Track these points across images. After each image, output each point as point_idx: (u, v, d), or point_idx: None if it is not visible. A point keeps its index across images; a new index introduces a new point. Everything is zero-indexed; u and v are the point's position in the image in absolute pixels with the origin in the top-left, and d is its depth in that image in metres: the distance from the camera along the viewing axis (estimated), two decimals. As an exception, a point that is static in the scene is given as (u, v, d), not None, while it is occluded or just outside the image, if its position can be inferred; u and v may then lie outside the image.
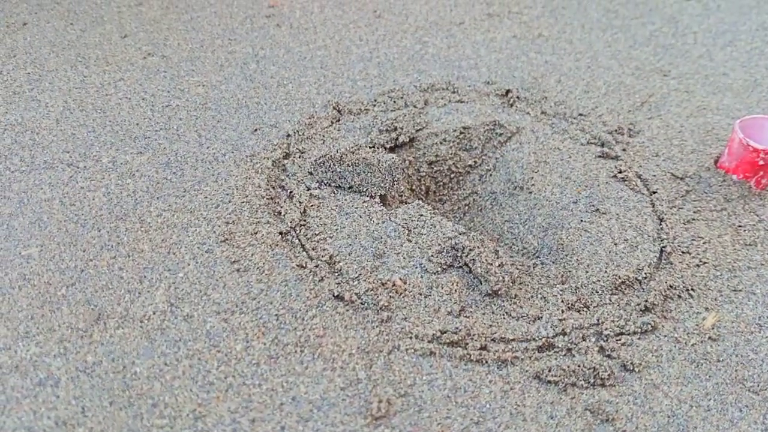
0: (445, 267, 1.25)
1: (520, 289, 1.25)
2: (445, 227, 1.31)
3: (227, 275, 1.23)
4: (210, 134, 1.56)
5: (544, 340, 1.15)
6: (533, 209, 1.43)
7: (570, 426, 1.04)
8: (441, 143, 1.54)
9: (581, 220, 1.35)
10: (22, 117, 1.60)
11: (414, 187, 1.55)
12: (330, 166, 1.42)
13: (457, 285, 1.22)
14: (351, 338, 1.14)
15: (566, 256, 1.32)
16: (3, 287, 1.19)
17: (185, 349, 1.11)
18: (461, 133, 1.55)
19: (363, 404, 1.05)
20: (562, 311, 1.19)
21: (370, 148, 1.48)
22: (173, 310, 1.17)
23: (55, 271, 1.22)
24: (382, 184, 1.40)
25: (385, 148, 1.50)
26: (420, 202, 1.38)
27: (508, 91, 1.72)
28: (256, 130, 1.58)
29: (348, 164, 1.41)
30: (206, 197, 1.38)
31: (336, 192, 1.41)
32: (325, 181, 1.42)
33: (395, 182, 1.42)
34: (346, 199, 1.39)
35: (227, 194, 1.39)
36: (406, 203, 1.52)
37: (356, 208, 1.37)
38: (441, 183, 1.59)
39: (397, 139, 1.51)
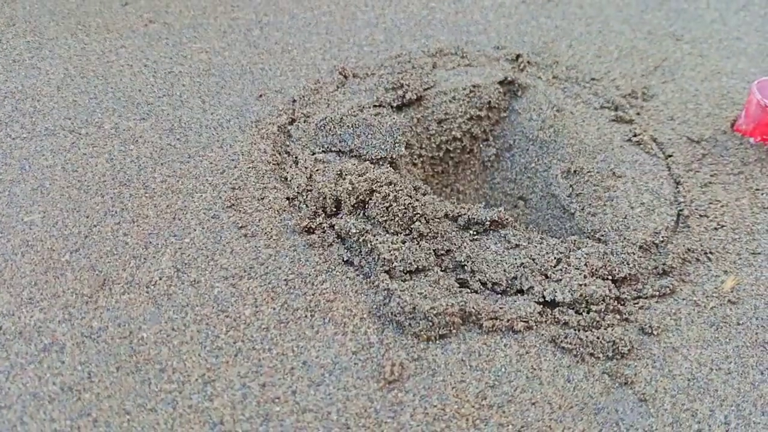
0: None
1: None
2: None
3: (234, 241, 1.20)
4: (214, 100, 1.53)
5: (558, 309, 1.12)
6: (557, 151, 1.41)
7: (588, 389, 1.01)
8: (450, 101, 1.50)
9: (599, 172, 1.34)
10: (23, 84, 1.56)
11: (423, 146, 1.51)
12: (331, 129, 1.38)
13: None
14: (362, 303, 1.11)
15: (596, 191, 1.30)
16: (5, 253, 1.16)
17: (193, 314, 1.08)
18: (471, 91, 1.51)
19: (375, 368, 1.02)
20: (585, 277, 1.15)
21: (375, 107, 1.44)
22: (180, 275, 1.14)
23: (58, 237, 1.19)
24: (383, 147, 1.37)
25: (392, 107, 1.46)
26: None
27: (518, 56, 1.67)
28: (260, 95, 1.54)
29: (348, 126, 1.37)
30: (211, 163, 1.35)
31: (339, 157, 1.37)
32: (326, 146, 1.38)
33: (396, 144, 1.37)
34: (348, 165, 1.35)
35: (233, 160, 1.36)
36: (415, 165, 1.49)
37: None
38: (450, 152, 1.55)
39: (404, 96, 1.47)
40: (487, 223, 1.23)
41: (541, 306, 1.12)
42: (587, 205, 1.33)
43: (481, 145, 1.57)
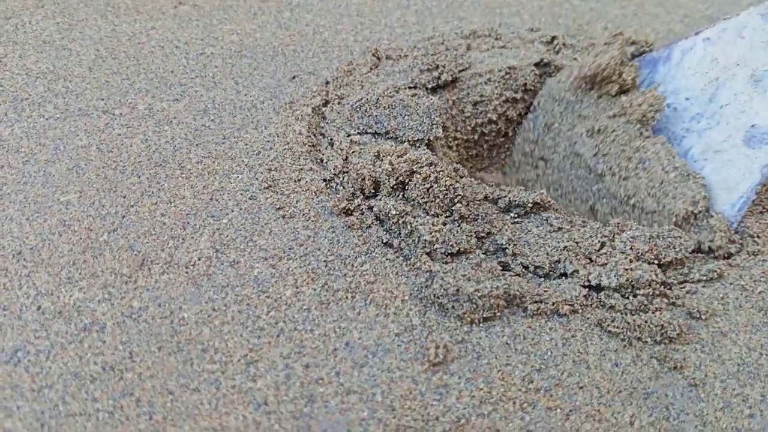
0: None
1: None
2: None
3: (272, 222, 1.18)
4: (247, 82, 1.51)
5: (604, 293, 1.09)
6: (582, 110, 1.39)
7: (636, 374, 1.00)
8: (486, 83, 1.48)
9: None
10: (54, 65, 1.55)
11: (458, 128, 1.49)
12: (367, 110, 1.36)
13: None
14: (402, 285, 1.10)
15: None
16: (43, 233, 1.16)
17: (233, 294, 1.07)
18: (507, 73, 1.49)
19: (419, 350, 1.01)
20: (630, 261, 1.12)
21: (410, 89, 1.42)
22: (219, 256, 1.13)
23: (95, 217, 1.18)
24: (419, 128, 1.34)
25: (427, 89, 1.44)
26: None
27: (553, 38, 1.65)
28: (294, 77, 1.53)
29: (384, 107, 1.35)
30: (247, 144, 1.34)
31: (375, 138, 1.35)
32: (362, 127, 1.36)
33: (434, 125, 1.35)
34: (386, 146, 1.33)
35: (268, 141, 1.35)
36: (450, 148, 1.47)
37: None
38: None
39: (439, 78, 1.44)
40: (529, 205, 1.21)
41: (587, 290, 1.10)
42: (616, 166, 1.29)
43: (516, 129, 1.54)
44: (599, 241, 1.16)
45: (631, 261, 1.11)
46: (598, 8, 1.83)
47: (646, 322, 1.04)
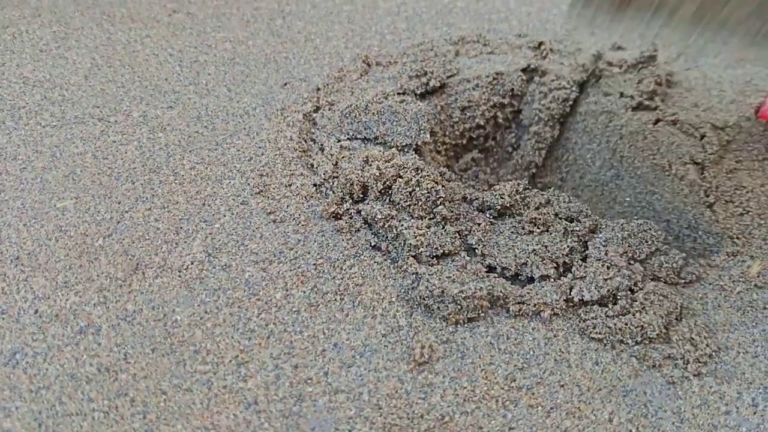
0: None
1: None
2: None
3: (263, 226, 1.21)
4: (239, 89, 1.54)
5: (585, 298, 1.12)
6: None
7: (615, 372, 1.03)
8: (473, 89, 1.51)
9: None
10: (50, 74, 1.58)
11: (447, 133, 1.52)
12: (356, 116, 1.40)
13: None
14: (390, 287, 1.13)
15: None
16: (39, 238, 1.19)
17: (225, 297, 1.10)
18: (494, 78, 1.52)
19: (405, 350, 1.04)
20: (608, 268, 1.15)
21: (399, 94, 1.45)
22: (211, 259, 1.16)
23: (91, 223, 1.21)
24: (408, 133, 1.37)
25: (416, 95, 1.47)
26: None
27: (540, 44, 1.68)
28: (285, 84, 1.56)
29: (373, 113, 1.38)
30: (239, 150, 1.37)
31: (365, 144, 1.38)
32: (351, 133, 1.40)
33: (422, 131, 1.38)
34: (374, 152, 1.36)
35: (260, 147, 1.38)
36: (438, 153, 1.50)
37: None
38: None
39: (427, 84, 1.48)
40: (498, 207, 1.24)
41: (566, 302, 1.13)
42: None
43: (504, 133, 1.58)
44: (568, 246, 1.18)
45: (608, 268, 1.13)
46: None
47: (626, 324, 1.07)
